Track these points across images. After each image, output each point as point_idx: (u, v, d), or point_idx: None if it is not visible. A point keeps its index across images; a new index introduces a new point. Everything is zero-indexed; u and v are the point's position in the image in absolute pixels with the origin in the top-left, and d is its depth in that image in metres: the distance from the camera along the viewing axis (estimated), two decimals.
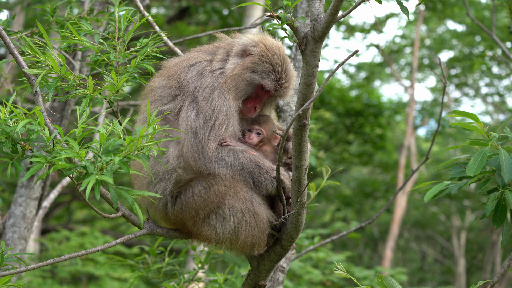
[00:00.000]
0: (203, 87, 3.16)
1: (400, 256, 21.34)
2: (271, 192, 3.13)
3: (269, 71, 3.21)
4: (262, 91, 3.27)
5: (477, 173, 2.97)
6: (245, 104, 3.26)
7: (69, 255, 2.79)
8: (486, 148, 3.03)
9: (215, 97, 3.14)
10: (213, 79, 3.19)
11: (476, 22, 6.00)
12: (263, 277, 3.36)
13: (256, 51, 3.22)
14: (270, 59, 3.21)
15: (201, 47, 3.42)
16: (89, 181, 2.34)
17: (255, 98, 3.27)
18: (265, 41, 3.26)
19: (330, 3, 2.55)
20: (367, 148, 17.55)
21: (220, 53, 3.27)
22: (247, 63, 3.20)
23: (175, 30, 13.84)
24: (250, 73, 3.20)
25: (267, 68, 3.21)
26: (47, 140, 2.54)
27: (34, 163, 2.44)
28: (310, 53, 2.65)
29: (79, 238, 10.82)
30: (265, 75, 3.21)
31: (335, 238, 4.77)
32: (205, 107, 3.12)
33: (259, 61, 3.20)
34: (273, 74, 3.21)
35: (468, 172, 2.99)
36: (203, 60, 3.25)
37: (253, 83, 3.21)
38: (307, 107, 2.72)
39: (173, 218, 3.22)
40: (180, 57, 3.39)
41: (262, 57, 3.21)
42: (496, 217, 3.08)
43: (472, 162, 3.01)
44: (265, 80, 3.21)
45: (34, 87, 2.81)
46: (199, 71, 3.21)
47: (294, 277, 9.36)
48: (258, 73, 3.20)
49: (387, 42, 19.88)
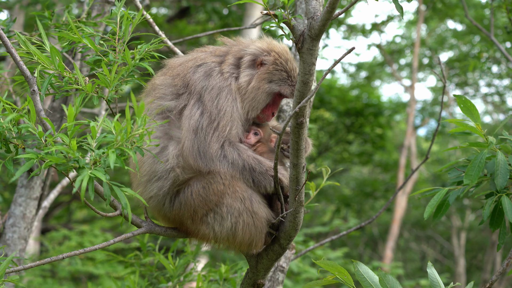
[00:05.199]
0: (210, 87, 3.17)
1: (400, 256, 21.33)
2: (270, 191, 3.14)
3: (285, 78, 3.27)
4: (279, 97, 3.33)
5: (474, 182, 3.00)
6: (263, 112, 3.31)
7: (68, 254, 2.79)
8: (483, 152, 3.03)
9: (222, 98, 3.16)
10: (222, 80, 3.20)
11: (474, 24, 5.98)
12: (262, 276, 3.36)
13: (269, 60, 3.27)
14: (284, 66, 3.27)
15: (206, 48, 3.42)
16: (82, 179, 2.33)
17: (272, 104, 3.33)
18: (275, 48, 3.30)
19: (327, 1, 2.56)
20: (367, 148, 17.54)
21: (230, 59, 3.28)
22: (262, 74, 3.24)
23: (175, 29, 13.84)
24: (268, 83, 3.25)
25: (283, 76, 3.26)
26: (38, 136, 2.53)
27: (26, 160, 2.44)
28: (307, 51, 2.66)
29: (79, 237, 10.83)
30: (282, 83, 3.27)
31: (335, 238, 4.77)
32: (211, 107, 3.13)
33: (274, 70, 3.26)
34: (289, 80, 3.27)
35: (465, 180, 3.01)
36: (210, 61, 3.26)
37: (271, 93, 3.27)
38: (303, 104, 2.73)
39: (172, 217, 3.22)
40: (185, 57, 3.39)
41: (276, 66, 3.26)
42: (493, 221, 3.10)
43: (469, 169, 3.01)
44: (283, 87, 3.27)
45: (32, 86, 2.82)
46: (207, 71, 3.22)
47: (292, 275, 9.36)
48: (275, 82, 3.26)
49: (387, 43, 19.87)
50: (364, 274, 2.77)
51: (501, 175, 2.98)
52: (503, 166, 3.00)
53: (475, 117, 3.12)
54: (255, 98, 3.23)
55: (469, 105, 3.12)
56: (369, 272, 2.78)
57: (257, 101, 3.24)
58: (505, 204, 2.99)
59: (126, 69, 2.98)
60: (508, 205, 2.99)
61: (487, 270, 17.46)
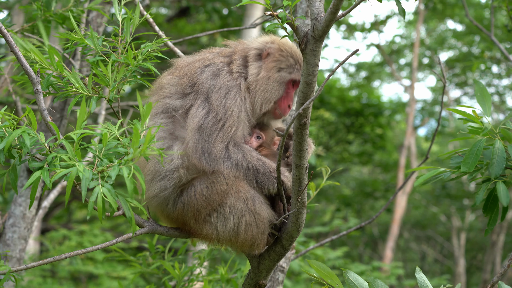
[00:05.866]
0: (218, 86, 3.16)
1: (400, 256, 21.34)
2: (273, 192, 3.13)
3: (293, 64, 3.24)
4: (291, 87, 3.29)
5: (471, 169, 3.03)
6: (279, 106, 3.28)
7: (69, 253, 2.79)
8: (481, 140, 3.06)
9: (230, 98, 3.14)
10: (231, 80, 3.19)
11: (475, 23, 5.98)
12: (263, 277, 3.36)
13: (274, 47, 3.25)
14: (290, 52, 3.25)
15: (213, 49, 3.41)
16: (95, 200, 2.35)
17: (286, 96, 3.29)
18: (277, 39, 3.29)
19: (330, 3, 2.56)
20: (367, 148, 17.55)
21: (237, 58, 3.27)
22: (270, 63, 3.23)
23: (175, 28, 13.84)
24: (277, 72, 3.22)
25: (290, 61, 3.24)
26: (43, 144, 2.53)
27: (33, 174, 2.43)
28: (310, 52, 2.66)
29: (78, 237, 10.82)
30: (292, 69, 3.24)
31: (335, 238, 4.77)
32: (218, 106, 3.11)
33: (281, 57, 3.24)
34: (298, 65, 3.24)
35: (463, 167, 3.05)
36: (218, 62, 3.25)
37: (283, 82, 3.24)
38: (307, 106, 2.72)
39: (175, 217, 3.22)
40: (192, 57, 3.38)
41: (282, 52, 3.24)
42: (487, 206, 3.13)
43: (467, 157, 3.05)
44: (293, 73, 3.25)
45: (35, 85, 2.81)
46: (215, 71, 3.21)
47: (292, 275, 9.36)
48: (285, 70, 3.24)
49: (387, 42, 19.87)
50: (354, 282, 2.81)
51: (497, 163, 3.02)
52: (500, 155, 3.03)
53: (487, 107, 3.15)
54: (267, 89, 3.21)
55: (484, 94, 3.16)
56: (359, 279, 2.82)
57: (269, 92, 3.21)
58: (500, 189, 3.03)
59: (128, 69, 2.98)
60: (503, 190, 3.03)
61: (487, 270, 17.46)
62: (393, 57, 19.79)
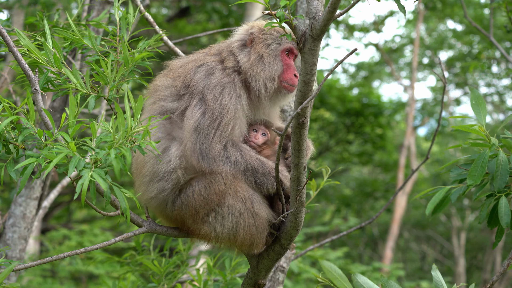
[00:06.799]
0: (212, 85, 3.17)
1: (400, 256, 21.34)
2: (272, 191, 3.14)
3: (277, 36, 3.26)
4: (288, 57, 3.30)
5: (478, 181, 2.99)
6: (283, 78, 3.27)
7: (69, 253, 2.80)
8: (486, 152, 3.02)
9: (225, 95, 3.14)
10: (224, 76, 3.20)
11: (473, 25, 5.97)
12: (262, 276, 3.36)
13: (255, 31, 3.29)
14: (271, 30, 3.26)
15: (203, 50, 3.43)
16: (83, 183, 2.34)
17: (287, 68, 3.29)
18: (255, 23, 3.35)
19: (328, 2, 2.56)
20: (367, 148, 17.53)
21: (226, 55, 3.29)
22: (257, 45, 3.26)
23: (175, 28, 13.83)
24: (267, 48, 3.25)
25: (275, 34, 3.27)
26: (38, 136, 2.53)
27: (26, 164, 2.43)
28: (308, 51, 2.66)
29: (78, 236, 10.82)
30: (279, 40, 3.27)
31: (335, 238, 4.77)
32: (213, 105, 3.12)
33: (264, 35, 3.27)
34: (284, 35, 3.22)
35: (469, 180, 3.00)
36: (210, 61, 3.27)
37: (277, 54, 3.26)
38: (305, 105, 2.73)
39: (173, 217, 3.22)
40: (185, 58, 3.39)
41: (263, 31, 3.27)
42: (491, 220, 3.10)
43: (473, 169, 3.01)
44: (283, 43, 3.27)
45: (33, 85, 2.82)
46: (208, 70, 3.22)
47: (292, 276, 9.35)
48: (273, 43, 3.26)
49: (386, 42, 19.86)
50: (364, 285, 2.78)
51: (500, 176, 2.99)
52: (503, 167, 3.00)
53: (482, 115, 3.12)
54: (264, 67, 3.22)
55: (480, 103, 3.14)
56: (369, 282, 2.79)
57: (268, 69, 3.23)
58: (501, 207, 2.99)
59: (126, 68, 2.98)
60: (505, 208, 2.99)
61: (487, 270, 17.46)
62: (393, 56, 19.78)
